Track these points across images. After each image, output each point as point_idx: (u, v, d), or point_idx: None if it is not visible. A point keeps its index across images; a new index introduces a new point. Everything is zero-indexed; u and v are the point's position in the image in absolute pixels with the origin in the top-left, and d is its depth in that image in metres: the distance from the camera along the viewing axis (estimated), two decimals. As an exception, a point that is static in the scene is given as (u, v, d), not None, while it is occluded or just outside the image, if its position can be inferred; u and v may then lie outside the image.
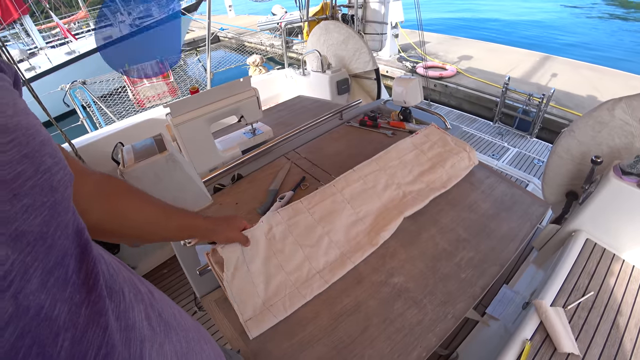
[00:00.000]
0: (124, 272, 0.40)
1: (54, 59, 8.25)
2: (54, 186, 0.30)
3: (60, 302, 0.27)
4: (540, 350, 1.10)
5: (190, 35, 12.57)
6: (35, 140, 0.29)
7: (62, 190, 0.31)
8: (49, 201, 0.28)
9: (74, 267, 0.30)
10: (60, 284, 0.28)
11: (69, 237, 0.31)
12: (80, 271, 0.31)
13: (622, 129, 1.55)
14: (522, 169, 3.21)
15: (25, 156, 0.27)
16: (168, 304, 0.48)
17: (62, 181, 0.31)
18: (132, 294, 0.38)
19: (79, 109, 3.84)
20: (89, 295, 0.31)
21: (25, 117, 0.30)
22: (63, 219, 0.30)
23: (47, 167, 0.29)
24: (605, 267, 1.39)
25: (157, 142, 0.97)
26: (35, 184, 0.27)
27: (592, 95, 4.93)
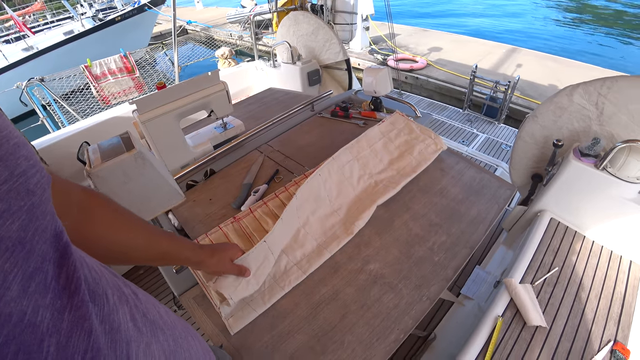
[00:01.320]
0: (107, 275, 0.39)
1: (10, 55, 7.74)
2: (31, 189, 0.28)
3: (42, 308, 0.27)
4: (512, 325, 1.16)
5: (157, 29, 12.13)
6: (9, 142, 0.28)
7: (39, 193, 0.30)
8: (25, 205, 0.28)
9: (54, 273, 0.29)
10: (41, 290, 0.27)
11: (47, 241, 0.30)
12: (60, 276, 0.30)
13: (580, 113, 1.63)
14: (490, 154, 3.33)
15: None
16: (153, 304, 0.47)
17: (39, 184, 0.30)
18: (116, 296, 0.38)
19: (38, 108, 3.64)
20: (71, 300, 0.30)
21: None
22: (41, 223, 0.29)
23: (23, 170, 0.28)
24: (568, 244, 1.47)
25: (124, 140, 0.94)
26: (10, 188, 0.26)
27: (555, 85, 5.16)
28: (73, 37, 8.41)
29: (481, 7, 14.60)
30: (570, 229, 1.54)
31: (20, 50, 8.13)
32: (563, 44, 9.82)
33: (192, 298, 1.00)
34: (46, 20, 12.35)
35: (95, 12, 10.61)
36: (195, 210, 1.26)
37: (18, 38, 9.09)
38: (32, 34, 9.07)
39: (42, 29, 10.36)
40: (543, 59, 6.29)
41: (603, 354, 1.11)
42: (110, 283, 0.38)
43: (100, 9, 11.23)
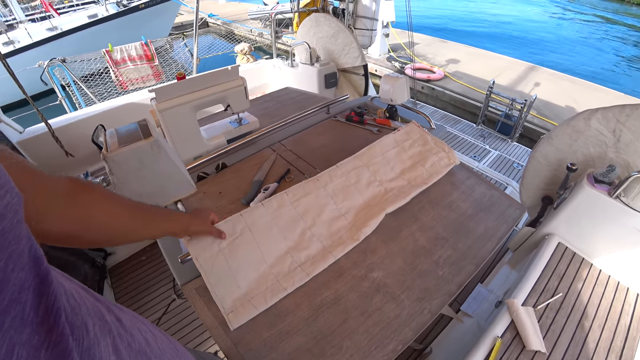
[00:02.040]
0: (87, 301, 0.36)
1: (34, 34, 7.87)
2: (1, 213, 0.26)
3: (18, 345, 0.24)
4: (510, 347, 1.15)
5: (178, 19, 12.25)
6: None
7: (10, 216, 0.27)
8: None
9: (32, 303, 0.27)
10: (17, 325, 0.25)
11: (24, 268, 0.27)
12: (40, 307, 0.28)
13: (596, 138, 1.61)
14: (501, 171, 3.30)
15: None
16: (139, 329, 0.45)
17: (9, 206, 0.27)
18: (97, 327, 0.34)
19: (57, 88, 3.69)
20: (49, 335, 0.27)
21: None
22: (15, 249, 0.27)
23: None
24: (574, 270, 1.45)
25: (141, 127, 0.95)
26: None
27: (571, 106, 5.11)
28: (96, 20, 8.53)
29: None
30: (578, 255, 1.52)
31: (45, 30, 8.26)
32: (584, 65, 9.73)
33: (194, 289, 1.01)
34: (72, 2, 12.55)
35: (119, -1, 10.76)
36: (205, 202, 1.27)
37: (43, 18, 9.25)
38: (58, 14, 9.21)
39: (67, 11, 10.51)
40: (561, 79, 6.24)
41: (602, 386, 1.09)
42: (91, 311, 0.35)
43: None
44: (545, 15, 15.83)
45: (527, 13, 15.59)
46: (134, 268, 2.22)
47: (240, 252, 1.00)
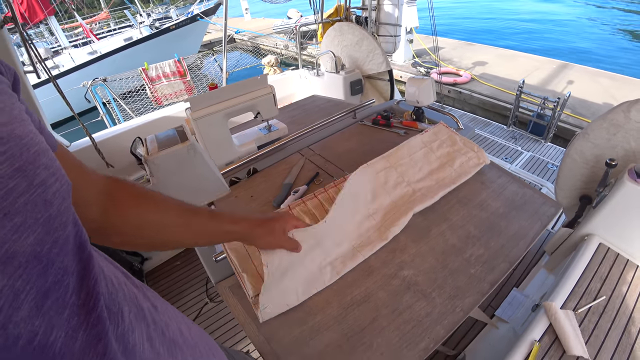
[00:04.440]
0: (125, 287, 0.36)
1: (77, 58, 8.52)
2: (49, 200, 0.27)
3: (57, 327, 0.25)
4: (549, 352, 1.10)
5: (207, 37, 12.79)
6: (30, 151, 0.27)
7: (57, 203, 0.28)
8: (42, 217, 0.26)
9: (74, 286, 0.28)
10: (57, 307, 0.26)
11: (68, 254, 0.28)
12: (81, 290, 0.29)
13: (638, 131, 1.53)
14: (535, 172, 3.18)
15: (17, 170, 0.25)
16: (173, 318, 0.44)
17: (57, 193, 0.28)
18: (133, 313, 0.35)
19: (99, 105, 3.96)
20: (87, 317, 0.28)
21: (20, 124, 0.28)
22: (61, 235, 0.28)
23: (42, 180, 0.27)
24: (618, 272, 1.38)
25: (179, 132, 1.01)
26: (27, 200, 0.25)
27: (610, 103, 4.85)
28: (132, 43, 9.13)
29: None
30: (622, 256, 1.44)
31: (86, 54, 8.94)
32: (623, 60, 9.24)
33: (228, 287, 1.05)
34: (109, 27, 13.44)
35: (152, 21, 11.42)
36: (237, 205, 1.32)
37: (85, 43, 10.00)
38: (97, 39, 9.94)
39: (105, 36, 11.29)
40: (597, 75, 5.94)
41: (652, 396, 1.03)
42: (128, 297, 0.36)
43: (157, 19, 12.07)
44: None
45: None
46: (169, 272, 2.31)
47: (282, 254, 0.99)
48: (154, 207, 0.58)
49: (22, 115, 0.29)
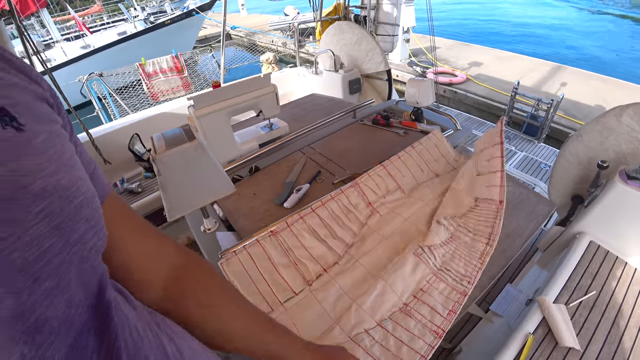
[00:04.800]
0: (150, 333, 0.33)
1: (69, 52, 8.40)
2: (85, 256, 0.25)
3: None
4: (543, 344, 1.14)
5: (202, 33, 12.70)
6: (72, 203, 0.25)
7: (92, 259, 0.26)
8: (74, 277, 0.24)
9: (94, 345, 0.26)
10: None
11: (87, 309, 0.26)
12: (101, 348, 0.26)
13: (629, 135, 1.59)
14: (528, 172, 3.24)
15: (55, 228, 0.23)
16: (201, 358, 0.41)
17: (94, 249, 0.26)
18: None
19: (95, 100, 3.93)
20: None
21: (67, 172, 0.25)
22: (89, 291, 0.26)
23: (79, 236, 0.25)
24: (607, 268, 1.43)
25: (185, 131, 1.03)
26: (62, 261, 0.23)
27: (601, 106, 4.95)
28: (126, 37, 9.00)
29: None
30: (611, 254, 1.49)
31: (79, 48, 8.80)
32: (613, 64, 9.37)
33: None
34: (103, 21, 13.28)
35: (147, 15, 11.30)
36: (240, 203, 1.34)
37: (77, 37, 9.85)
38: (90, 33, 9.80)
39: (98, 29, 11.15)
40: (590, 78, 6.04)
41: (639, 386, 1.08)
42: (153, 345, 0.32)
43: (151, 13, 11.94)
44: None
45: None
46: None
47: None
48: (228, 312, 0.49)
49: (72, 160, 0.27)
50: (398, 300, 0.97)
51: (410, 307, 0.96)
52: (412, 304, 0.96)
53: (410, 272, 1.03)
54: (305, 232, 1.13)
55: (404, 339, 0.88)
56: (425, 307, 0.95)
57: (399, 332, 0.90)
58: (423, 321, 0.92)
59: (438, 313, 0.94)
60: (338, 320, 0.94)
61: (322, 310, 0.97)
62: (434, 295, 0.98)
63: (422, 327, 0.91)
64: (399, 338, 0.89)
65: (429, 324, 0.91)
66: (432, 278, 1.03)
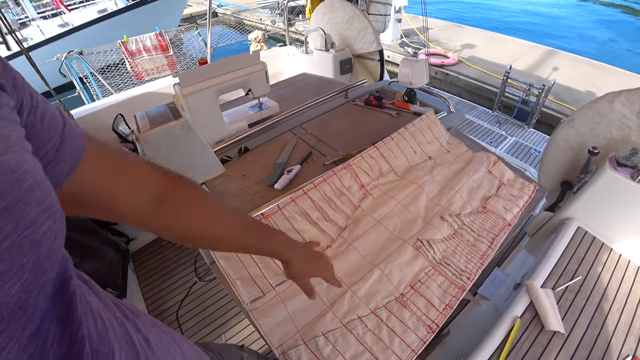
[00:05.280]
0: (115, 322, 0.33)
1: (47, 31, 7.98)
2: (37, 240, 0.24)
3: None
4: (529, 328, 1.16)
5: (187, 11, 12.25)
6: (22, 186, 0.24)
7: (47, 243, 0.25)
8: (29, 261, 0.23)
9: (55, 334, 0.25)
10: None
11: (48, 297, 0.25)
12: (64, 338, 0.25)
13: (620, 121, 1.59)
14: (518, 157, 3.26)
15: (4, 210, 0.22)
16: (169, 347, 0.42)
17: (49, 232, 0.25)
18: (124, 352, 0.32)
19: (76, 80, 3.77)
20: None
21: (15, 154, 0.24)
22: (49, 277, 0.25)
23: (32, 219, 0.24)
24: (594, 254, 1.45)
25: (171, 109, 0.98)
26: (12, 244, 0.22)
27: (592, 91, 4.98)
28: (106, 15, 8.59)
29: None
30: (598, 239, 1.51)
31: (57, 27, 8.35)
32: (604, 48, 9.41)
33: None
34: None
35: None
36: (229, 184, 1.30)
37: (54, 15, 9.34)
38: (68, 11, 9.30)
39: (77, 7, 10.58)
40: (581, 63, 6.06)
41: (620, 368, 1.10)
42: (119, 334, 0.32)
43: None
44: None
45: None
46: (156, 252, 2.28)
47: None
48: (204, 217, 0.55)
49: (20, 143, 0.26)
50: (394, 290, 0.96)
51: (407, 297, 0.95)
52: (409, 295, 0.95)
53: (407, 262, 1.02)
54: (297, 214, 1.10)
55: (397, 331, 0.87)
56: (421, 299, 0.95)
57: (392, 323, 0.89)
58: (418, 314, 0.91)
59: (434, 307, 0.93)
60: (331, 305, 0.93)
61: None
62: (432, 288, 0.97)
63: (416, 320, 0.90)
64: (392, 329, 0.88)
65: (423, 317, 0.91)
66: (431, 270, 1.02)
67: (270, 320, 0.89)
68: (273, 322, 0.89)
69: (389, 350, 0.84)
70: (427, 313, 0.92)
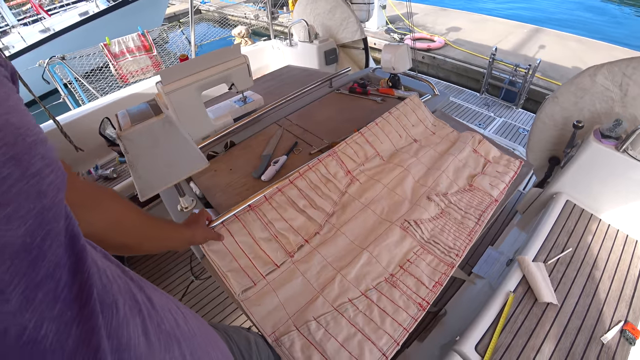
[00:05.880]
0: (119, 279, 0.36)
1: (28, 38, 7.83)
2: (43, 190, 0.26)
3: (47, 320, 0.25)
4: (523, 301, 1.18)
5: (170, 10, 12.07)
6: (26, 140, 0.26)
7: (52, 195, 0.27)
8: (35, 208, 0.25)
9: (67, 280, 0.27)
10: (49, 300, 0.25)
11: (61, 246, 0.28)
12: (74, 284, 0.28)
13: (602, 94, 1.60)
14: (507, 137, 3.28)
15: (12, 158, 0.24)
16: (170, 310, 0.44)
17: (52, 184, 0.28)
18: (127, 306, 0.34)
19: (59, 86, 3.71)
20: (81, 312, 0.28)
21: (17, 114, 0.27)
22: (54, 227, 0.27)
23: (37, 170, 0.26)
24: (583, 226, 1.47)
25: (152, 106, 0.97)
26: (20, 190, 0.24)
27: (578, 66, 4.99)
28: (88, 17, 8.43)
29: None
30: (586, 211, 1.53)
31: (38, 32, 8.18)
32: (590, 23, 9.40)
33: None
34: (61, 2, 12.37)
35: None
36: (216, 179, 1.30)
37: (35, 20, 9.12)
38: (48, 15, 9.11)
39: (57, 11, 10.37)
40: (566, 39, 6.06)
41: (613, 333, 1.12)
42: (123, 290, 0.35)
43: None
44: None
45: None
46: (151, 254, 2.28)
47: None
48: (125, 207, 0.64)
49: (19, 106, 0.28)
50: (383, 271, 0.97)
51: (397, 277, 0.96)
52: (398, 275, 0.96)
53: (395, 244, 1.03)
54: (284, 204, 1.11)
55: (388, 310, 0.89)
56: (411, 278, 0.96)
57: (383, 303, 0.90)
58: (408, 292, 0.92)
59: (424, 284, 0.94)
60: (321, 290, 0.93)
61: (305, 281, 0.96)
62: (421, 267, 0.98)
63: (406, 299, 0.91)
64: (384, 309, 0.89)
65: (413, 295, 0.92)
66: (419, 250, 1.03)
67: (262, 308, 0.90)
68: (265, 311, 0.90)
69: (380, 330, 0.85)
70: (417, 291, 0.93)
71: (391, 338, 0.84)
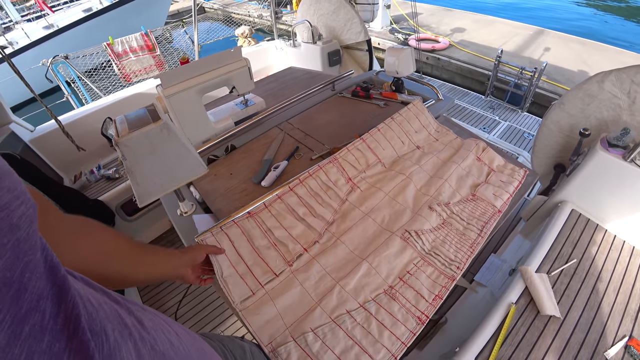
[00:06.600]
0: (105, 306, 0.35)
1: (32, 34, 7.85)
2: (15, 223, 0.26)
3: (37, 354, 0.24)
4: (525, 313, 1.16)
5: (174, 7, 12.08)
6: None
7: (24, 226, 0.27)
8: (10, 242, 0.25)
9: (51, 311, 0.27)
10: (36, 333, 0.25)
11: (41, 278, 0.27)
12: (59, 315, 0.27)
13: (610, 101, 1.57)
14: (512, 142, 3.25)
15: None
16: (162, 330, 0.43)
17: (23, 217, 0.27)
18: (117, 331, 0.34)
19: (62, 84, 3.72)
20: (70, 343, 0.27)
21: None
22: (31, 259, 0.27)
23: (5, 204, 0.26)
24: (588, 236, 1.44)
25: (150, 112, 0.95)
26: None
27: (583, 69, 4.95)
28: (92, 14, 8.45)
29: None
30: (592, 221, 1.50)
31: (42, 29, 8.20)
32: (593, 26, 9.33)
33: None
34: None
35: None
36: (216, 183, 1.29)
37: (39, 17, 9.16)
38: (52, 12, 9.13)
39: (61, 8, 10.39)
40: (571, 41, 6.02)
41: (617, 349, 1.09)
42: (110, 315, 0.34)
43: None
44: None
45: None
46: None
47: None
48: (111, 237, 0.64)
49: None
50: (383, 282, 0.95)
51: (396, 289, 0.94)
52: (398, 287, 0.94)
53: (395, 254, 1.01)
54: (284, 212, 1.09)
55: (386, 324, 0.87)
56: (410, 290, 0.94)
57: (382, 316, 0.88)
58: (407, 305, 0.91)
59: (423, 298, 0.92)
60: (320, 301, 0.92)
61: (303, 291, 0.95)
62: (421, 279, 0.96)
63: (405, 312, 0.89)
64: (382, 322, 0.87)
65: (412, 308, 0.90)
66: (420, 262, 1.01)
67: (260, 318, 0.89)
68: (262, 320, 0.88)
69: (378, 343, 0.83)
70: (417, 304, 0.91)
71: (389, 352, 0.82)
